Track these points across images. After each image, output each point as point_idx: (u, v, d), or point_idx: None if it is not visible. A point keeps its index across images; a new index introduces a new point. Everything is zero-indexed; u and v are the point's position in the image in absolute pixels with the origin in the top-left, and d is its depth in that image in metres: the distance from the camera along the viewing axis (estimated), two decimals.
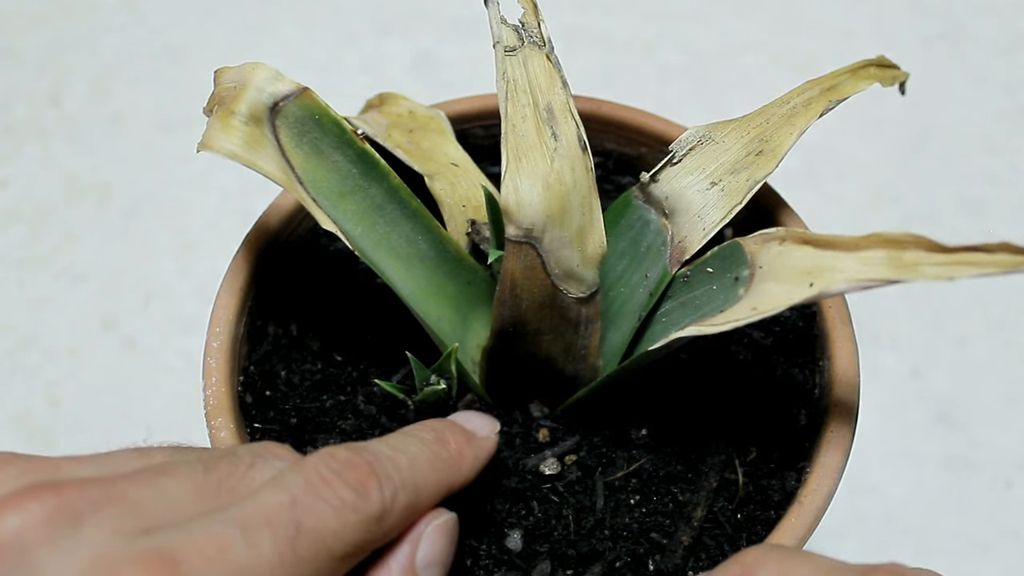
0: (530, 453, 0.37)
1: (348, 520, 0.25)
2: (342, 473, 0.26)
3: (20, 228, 0.64)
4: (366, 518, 0.26)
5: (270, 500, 0.25)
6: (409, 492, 0.27)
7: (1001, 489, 0.54)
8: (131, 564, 0.22)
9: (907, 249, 0.29)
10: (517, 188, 0.32)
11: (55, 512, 0.23)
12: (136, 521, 0.24)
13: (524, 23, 0.34)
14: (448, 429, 0.31)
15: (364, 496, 0.26)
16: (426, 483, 0.28)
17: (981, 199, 0.65)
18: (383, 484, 0.27)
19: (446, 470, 0.29)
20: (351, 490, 0.26)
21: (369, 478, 0.26)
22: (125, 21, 0.75)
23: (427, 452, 0.29)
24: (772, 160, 0.37)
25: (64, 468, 0.25)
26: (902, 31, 0.74)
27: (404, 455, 0.28)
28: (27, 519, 0.23)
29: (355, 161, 0.36)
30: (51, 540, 0.23)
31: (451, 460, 0.30)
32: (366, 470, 0.27)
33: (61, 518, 0.23)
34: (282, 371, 0.39)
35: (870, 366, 0.57)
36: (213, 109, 0.35)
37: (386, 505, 0.26)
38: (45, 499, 0.23)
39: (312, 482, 0.26)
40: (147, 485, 0.25)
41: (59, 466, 0.25)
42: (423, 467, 0.28)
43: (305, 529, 0.25)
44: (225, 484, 0.26)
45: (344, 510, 0.25)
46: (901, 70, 0.38)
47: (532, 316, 0.35)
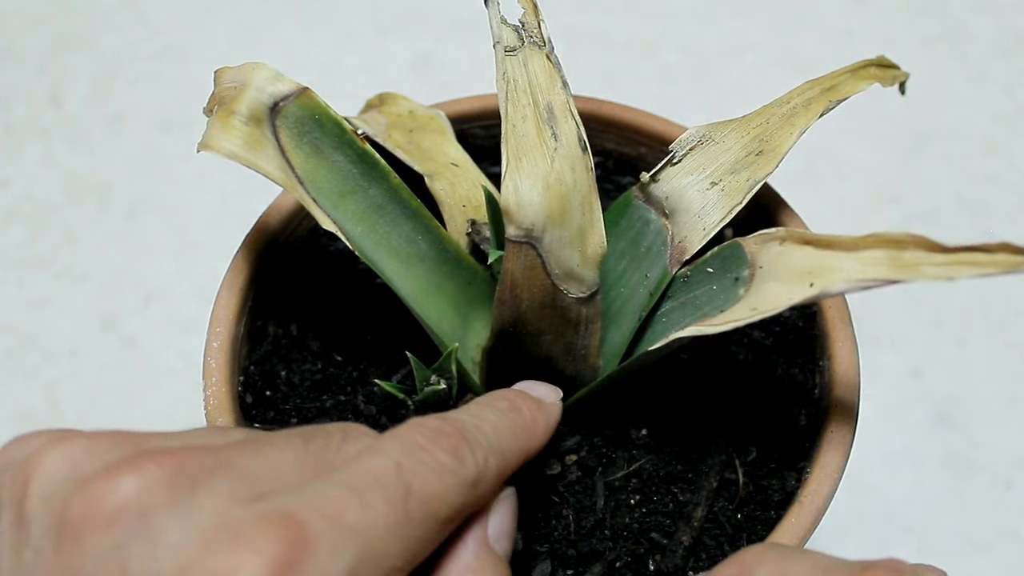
0: None
1: (449, 483, 0.26)
2: (436, 439, 0.26)
3: (20, 228, 0.64)
4: (464, 481, 0.26)
5: (376, 464, 0.25)
6: (498, 457, 0.28)
7: (1001, 489, 0.54)
8: (253, 527, 0.22)
9: (907, 249, 0.29)
10: (517, 188, 0.32)
11: (173, 476, 0.23)
12: (249, 487, 0.24)
13: (524, 23, 0.34)
14: (520, 397, 0.31)
15: (460, 460, 0.26)
16: (510, 449, 0.29)
17: (981, 199, 0.65)
18: (475, 449, 0.27)
19: (524, 436, 0.30)
20: (448, 454, 0.26)
21: (462, 443, 0.27)
22: (125, 21, 0.75)
23: (505, 420, 0.29)
24: (772, 160, 0.37)
25: (152, 441, 0.25)
26: (902, 31, 0.74)
27: (486, 423, 0.29)
28: (146, 482, 0.23)
29: (355, 161, 0.37)
30: (171, 503, 0.23)
31: (527, 426, 0.30)
32: (457, 436, 0.27)
33: (179, 482, 0.23)
34: (282, 371, 0.39)
35: (870, 366, 0.57)
36: (213, 109, 0.35)
37: (480, 469, 0.27)
38: (163, 463, 0.23)
39: (411, 448, 0.26)
40: (253, 454, 0.25)
41: (147, 440, 0.25)
42: (505, 434, 0.29)
43: (413, 491, 0.25)
44: (323, 456, 0.26)
45: (444, 473, 0.26)
46: (901, 70, 0.38)
47: (532, 316, 0.35)
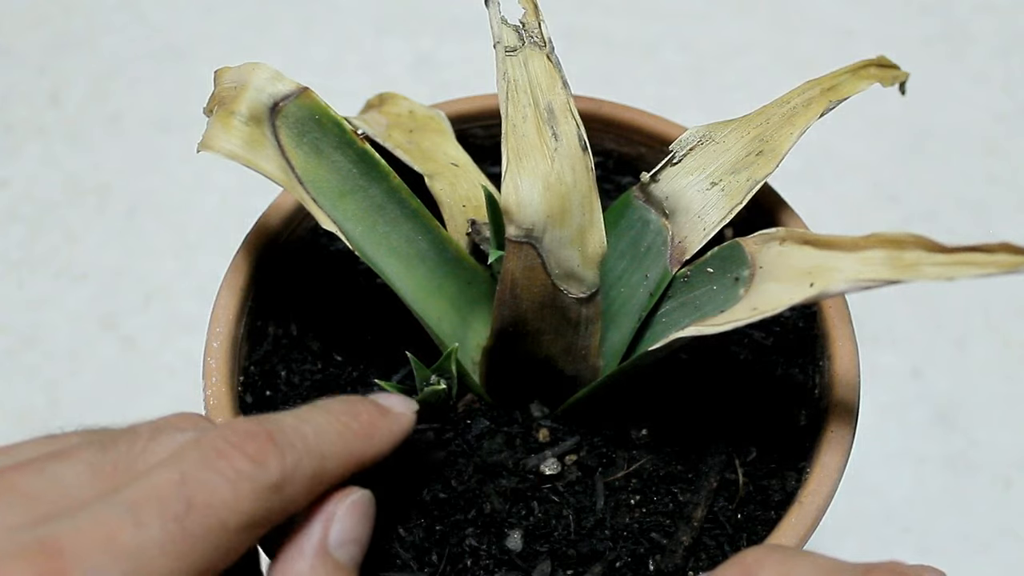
0: (530, 453, 0.37)
1: (243, 491, 0.25)
2: (240, 444, 0.26)
3: (20, 228, 0.64)
4: (263, 487, 0.26)
5: (161, 478, 0.25)
6: (314, 460, 0.27)
7: (1001, 489, 0.54)
8: (13, 558, 0.22)
9: (907, 249, 0.29)
10: (517, 188, 0.32)
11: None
12: (25, 512, 0.24)
13: (524, 23, 0.34)
14: (362, 403, 0.31)
15: (261, 465, 0.26)
16: (333, 452, 0.28)
17: (981, 199, 0.65)
18: (284, 452, 0.27)
19: (356, 440, 0.29)
20: (247, 460, 0.26)
21: (267, 446, 0.26)
22: (125, 21, 0.75)
23: (335, 422, 0.29)
24: (772, 160, 0.37)
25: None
26: (902, 31, 0.74)
27: (310, 424, 0.28)
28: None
29: (355, 161, 0.37)
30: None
31: (361, 431, 0.30)
32: (264, 439, 0.26)
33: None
34: (282, 371, 0.39)
35: (870, 366, 0.57)
36: (213, 109, 0.35)
37: (286, 473, 0.26)
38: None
39: (207, 455, 0.25)
40: (37, 473, 0.25)
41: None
42: (330, 436, 0.28)
43: (196, 504, 0.24)
44: (122, 463, 0.26)
45: (239, 481, 0.25)
46: (901, 70, 0.38)
47: (532, 316, 0.35)
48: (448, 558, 0.34)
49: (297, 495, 0.27)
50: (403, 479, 0.36)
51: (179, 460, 0.25)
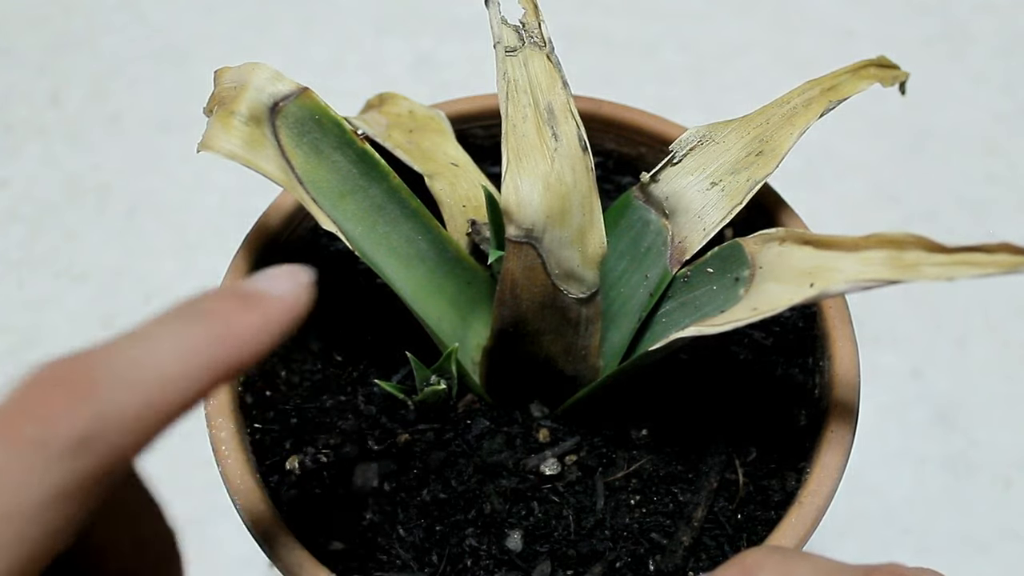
0: (530, 453, 0.37)
1: (34, 461, 0.21)
2: (30, 405, 0.22)
3: (20, 228, 0.64)
4: (59, 451, 0.21)
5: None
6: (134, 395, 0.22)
7: (1001, 489, 0.54)
8: None
9: (907, 249, 0.29)
10: (517, 188, 0.32)
11: None
12: None
13: (524, 23, 0.34)
14: (214, 298, 0.25)
15: (52, 425, 0.21)
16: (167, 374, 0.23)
17: (981, 199, 0.65)
18: (83, 400, 0.22)
19: (205, 349, 0.24)
20: (36, 422, 0.21)
21: (60, 400, 0.22)
22: (125, 21, 0.75)
23: (173, 334, 0.24)
24: (772, 160, 0.37)
25: None
26: (902, 31, 0.74)
27: (131, 349, 0.23)
28: None
29: (355, 161, 0.37)
30: None
31: (212, 335, 0.24)
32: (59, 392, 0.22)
33: None
34: (282, 371, 0.39)
35: (870, 366, 0.57)
36: (213, 109, 0.35)
37: (88, 426, 0.22)
38: None
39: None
40: None
41: None
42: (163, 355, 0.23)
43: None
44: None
45: (28, 451, 0.21)
46: (901, 70, 0.38)
47: (532, 316, 0.35)
48: (448, 558, 0.34)
49: (115, 444, 0.22)
50: (403, 479, 0.36)
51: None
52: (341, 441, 0.37)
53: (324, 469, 0.36)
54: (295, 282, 0.27)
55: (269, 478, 0.36)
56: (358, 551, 0.34)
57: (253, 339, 0.25)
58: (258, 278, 0.26)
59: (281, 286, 0.26)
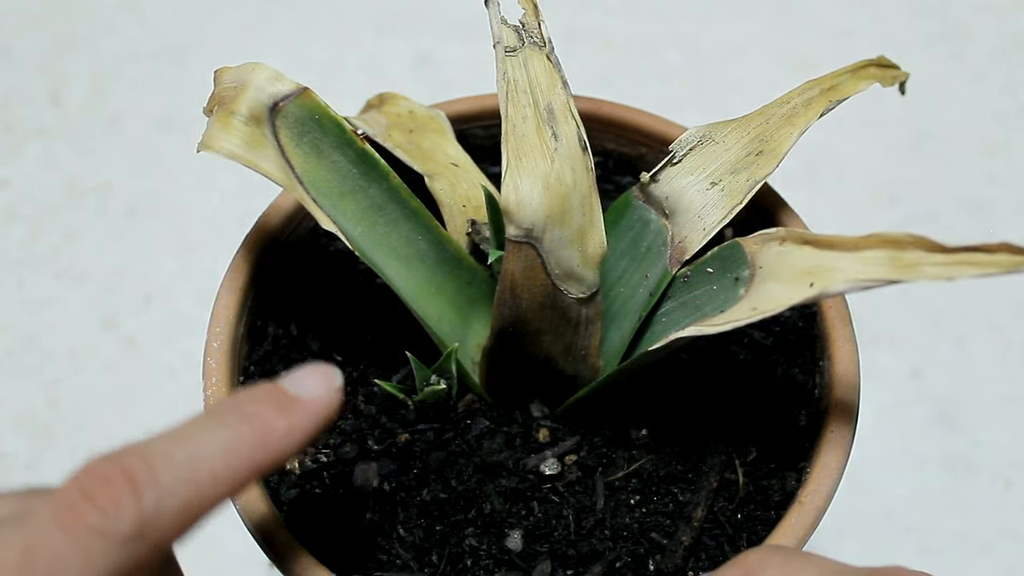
0: (530, 453, 0.37)
1: (95, 549, 0.23)
2: (93, 493, 0.24)
3: (20, 228, 0.64)
4: (118, 540, 0.23)
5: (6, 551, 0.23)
6: (183, 490, 0.25)
7: (1001, 489, 0.54)
8: None
9: (907, 249, 0.29)
10: (517, 188, 0.32)
11: None
12: None
13: (524, 23, 0.34)
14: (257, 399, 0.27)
15: (114, 515, 0.23)
16: (214, 472, 0.25)
17: (981, 199, 0.65)
18: (142, 493, 0.24)
19: (246, 451, 0.26)
20: (98, 512, 0.23)
21: (122, 491, 0.24)
22: (125, 21, 0.75)
23: (219, 435, 0.26)
24: (772, 160, 0.37)
25: None
26: (902, 31, 0.74)
27: (183, 446, 0.25)
28: None
29: (355, 161, 0.37)
30: None
31: (253, 438, 0.26)
32: (120, 482, 0.24)
33: None
34: (282, 371, 0.39)
35: (870, 366, 0.57)
36: (213, 109, 0.35)
37: (145, 517, 0.24)
38: None
39: (57, 513, 0.23)
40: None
41: None
42: (210, 454, 0.25)
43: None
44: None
45: (89, 539, 0.23)
46: (901, 70, 0.38)
47: (532, 316, 0.35)
48: (448, 558, 0.34)
49: (167, 533, 0.24)
50: (403, 479, 0.36)
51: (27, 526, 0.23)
52: (341, 441, 0.37)
53: (324, 469, 0.36)
54: (328, 386, 0.28)
55: (269, 478, 0.36)
56: (358, 551, 0.34)
57: (290, 441, 0.27)
58: (293, 379, 0.28)
59: (315, 389, 0.28)
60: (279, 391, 0.28)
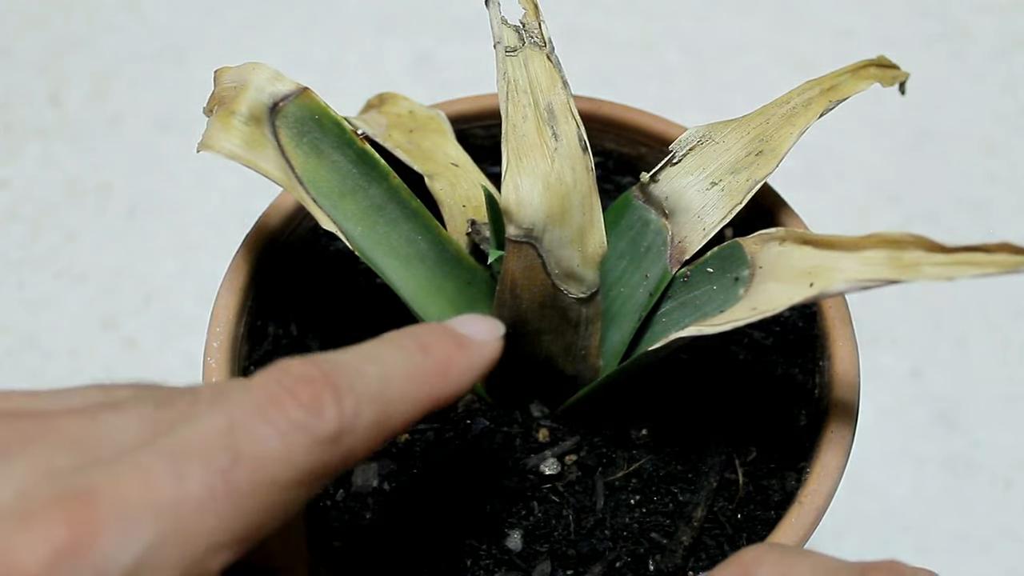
0: (530, 453, 0.37)
1: (297, 443, 0.23)
2: (294, 389, 0.24)
3: (20, 228, 0.64)
4: (319, 439, 0.23)
5: (207, 426, 0.22)
6: (376, 406, 0.25)
7: (1001, 489, 0.54)
8: (49, 503, 0.21)
9: (907, 249, 0.29)
10: (517, 188, 0.32)
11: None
12: (72, 457, 0.22)
13: (525, 23, 0.34)
14: (435, 334, 0.28)
15: (317, 414, 0.23)
16: (401, 396, 0.25)
17: (981, 199, 0.65)
18: (342, 398, 0.24)
19: (428, 380, 0.26)
20: (302, 409, 0.23)
21: (324, 392, 0.24)
22: (125, 21, 0.75)
23: (404, 360, 0.26)
24: (772, 160, 0.37)
25: (15, 400, 0.24)
26: (902, 31, 0.74)
27: (374, 364, 0.25)
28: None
29: (355, 161, 0.37)
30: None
31: (435, 369, 0.27)
32: (322, 384, 0.24)
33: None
34: None
35: (870, 366, 0.57)
36: (213, 109, 0.35)
37: (345, 422, 0.24)
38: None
39: (258, 402, 0.23)
40: (88, 420, 0.23)
41: (10, 398, 0.24)
42: (397, 377, 0.26)
43: (243, 457, 0.22)
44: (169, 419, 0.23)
45: (292, 432, 0.23)
46: (901, 70, 0.38)
47: (532, 316, 0.35)
48: (448, 558, 0.34)
49: (356, 446, 0.24)
50: (403, 479, 0.36)
51: (227, 407, 0.23)
52: None
53: None
54: (494, 333, 0.29)
55: None
56: (358, 551, 0.34)
57: (465, 378, 0.27)
58: (462, 322, 0.29)
59: (484, 333, 0.29)
60: (452, 330, 0.28)
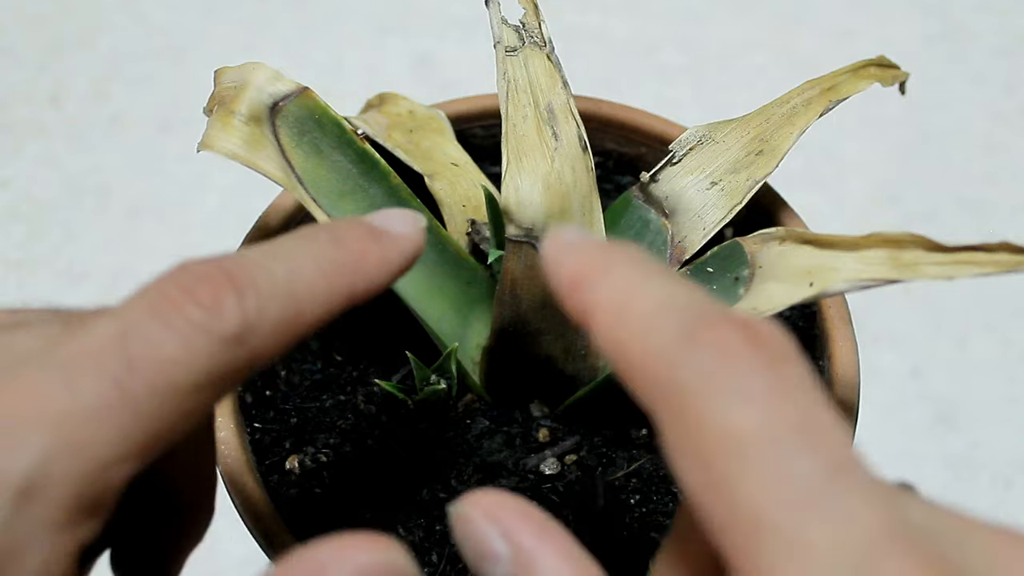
0: (530, 453, 0.37)
1: (196, 344, 0.22)
2: (192, 289, 0.22)
3: (20, 228, 0.64)
4: (220, 338, 0.22)
5: (99, 333, 0.22)
6: (282, 302, 0.23)
7: (1001, 489, 0.54)
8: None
9: (907, 249, 0.29)
10: (518, 187, 0.32)
11: None
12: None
13: (525, 23, 0.34)
14: (351, 227, 0.26)
15: (216, 313, 0.22)
16: (310, 291, 0.24)
17: (981, 199, 0.65)
18: (244, 296, 0.23)
19: (340, 274, 0.25)
20: (200, 308, 0.22)
21: (225, 291, 0.23)
22: (125, 21, 0.75)
23: (314, 254, 0.25)
24: (772, 160, 0.37)
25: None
26: (902, 31, 0.74)
27: (281, 260, 0.24)
28: None
29: (355, 161, 0.37)
30: None
31: (348, 262, 0.25)
32: (222, 282, 0.23)
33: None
34: (282, 371, 0.39)
35: (870, 366, 0.57)
36: (213, 109, 0.35)
37: (248, 320, 0.22)
38: None
39: (155, 305, 0.22)
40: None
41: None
42: (306, 271, 0.24)
43: (138, 362, 0.21)
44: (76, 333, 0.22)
45: (191, 333, 0.22)
46: (901, 70, 0.38)
47: (532, 316, 0.35)
48: (448, 558, 0.34)
49: (264, 345, 0.23)
50: (403, 479, 0.36)
51: (123, 312, 0.22)
52: (341, 441, 0.37)
53: (324, 469, 0.36)
54: (415, 225, 0.27)
55: (269, 478, 0.36)
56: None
57: (381, 270, 0.26)
58: (382, 215, 0.27)
59: (403, 227, 0.27)
60: (368, 223, 0.27)
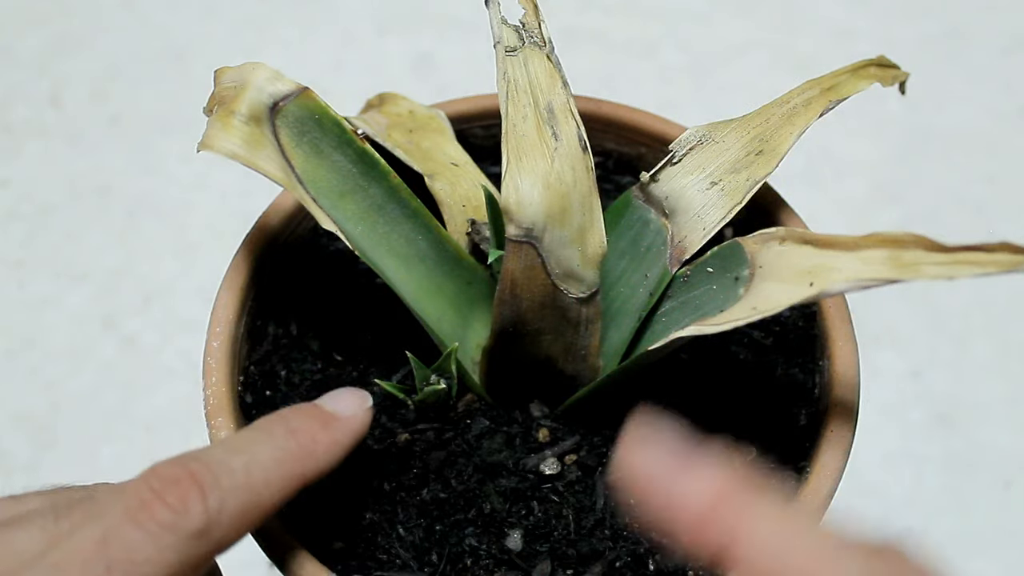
0: (530, 453, 0.37)
1: (166, 542, 0.25)
2: (162, 492, 0.26)
3: (20, 228, 0.64)
4: (186, 535, 0.26)
5: (83, 538, 0.25)
6: (242, 495, 0.27)
7: (1001, 489, 0.54)
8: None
9: (907, 249, 0.29)
10: (518, 187, 0.32)
11: None
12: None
13: (525, 23, 0.34)
14: (300, 415, 0.31)
15: (184, 513, 0.26)
16: (265, 481, 0.28)
17: (981, 199, 0.65)
18: (207, 494, 0.26)
19: (294, 462, 0.29)
20: (168, 510, 0.26)
21: (190, 491, 0.26)
22: (125, 21, 0.75)
23: (270, 447, 0.29)
24: (772, 160, 0.37)
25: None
26: (902, 31, 0.74)
27: (239, 456, 0.28)
28: None
29: (355, 161, 0.37)
30: None
31: (300, 451, 0.29)
32: (187, 484, 0.26)
33: None
34: (282, 371, 0.39)
35: (870, 366, 0.57)
36: (213, 109, 0.35)
37: (211, 517, 0.26)
38: None
39: (129, 509, 0.26)
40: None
41: None
42: (263, 464, 0.28)
43: (116, 563, 0.25)
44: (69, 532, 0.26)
45: (161, 533, 0.25)
46: (901, 70, 0.38)
47: (532, 316, 0.35)
48: (448, 558, 0.34)
49: (226, 535, 0.27)
50: (403, 479, 0.36)
51: (102, 517, 0.25)
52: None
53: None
54: (361, 405, 0.32)
55: None
56: (358, 551, 0.34)
57: (332, 454, 0.30)
58: (331, 397, 0.32)
59: (350, 408, 0.32)
60: (319, 409, 0.31)
